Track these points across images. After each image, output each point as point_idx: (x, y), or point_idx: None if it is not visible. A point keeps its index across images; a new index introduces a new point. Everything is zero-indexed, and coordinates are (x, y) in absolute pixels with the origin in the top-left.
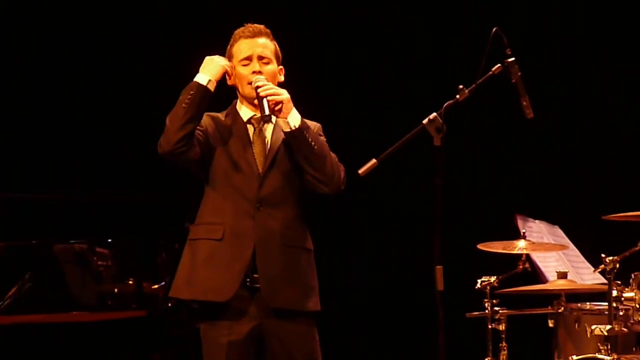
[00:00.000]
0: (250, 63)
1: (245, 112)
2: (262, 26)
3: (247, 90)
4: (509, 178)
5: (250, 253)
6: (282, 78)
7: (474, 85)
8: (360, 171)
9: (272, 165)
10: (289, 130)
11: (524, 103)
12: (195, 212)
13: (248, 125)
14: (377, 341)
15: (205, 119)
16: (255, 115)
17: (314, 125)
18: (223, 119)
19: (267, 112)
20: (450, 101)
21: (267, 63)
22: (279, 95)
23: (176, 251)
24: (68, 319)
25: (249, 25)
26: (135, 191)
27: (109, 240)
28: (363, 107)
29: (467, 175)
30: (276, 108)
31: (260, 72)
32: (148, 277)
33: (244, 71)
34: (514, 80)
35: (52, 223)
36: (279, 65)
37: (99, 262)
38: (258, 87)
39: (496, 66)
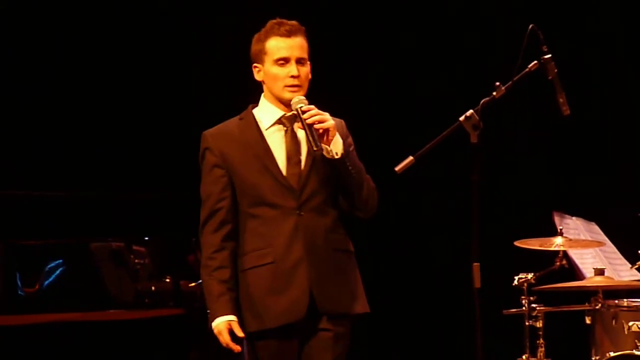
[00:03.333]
0: (287, 64)
1: (273, 111)
2: (296, 23)
3: (279, 90)
4: (546, 175)
5: (305, 264)
6: (310, 76)
7: (510, 82)
8: (397, 168)
9: (310, 170)
10: (330, 158)
11: (561, 100)
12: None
13: (277, 126)
14: (415, 338)
15: (217, 144)
16: (285, 114)
17: (338, 123)
18: (236, 129)
19: (316, 142)
20: (487, 98)
21: (303, 64)
22: (324, 121)
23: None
24: (105, 317)
25: (283, 21)
26: (172, 189)
27: (146, 238)
28: (400, 104)
29: (504, 172)
30: (322, 134)
31: (298, 76)
32: (185, 275)
33: (278, 72)
34: (550, 77)
35: (89, 221)
36: (308, 62)
37: (136, 260)
38: (302, 111)
39: (533, 63)
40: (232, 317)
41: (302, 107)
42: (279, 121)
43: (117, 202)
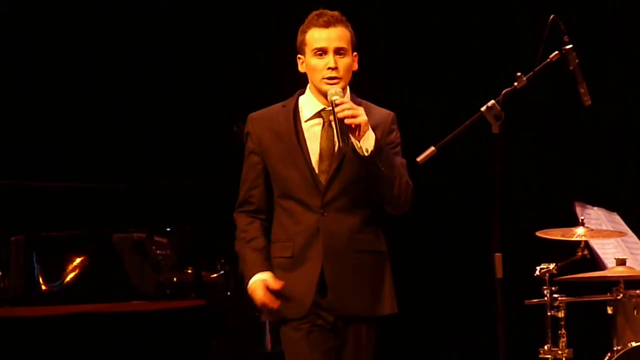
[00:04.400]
0: (325, 56)
1: (314, 103)
2: (337, 13)
3: (317, 82)
4: (567, 165)
5: (319, 265)
6: (355, 66)
7: (531, 73)
8: (418, 159)
9: (339, 169)
10: (360, 154)
11: (582, 90)
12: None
13: (316, 119)
14: (438, 328)
15: (256, 130)
16: (325, 108)
17: (384, 116)
18: (277, 116)
19: (344, 138)
20: (509, 89)
21: (343, 55)
22: (357, 117)
23: (234, 240)
24: (127, 308)
25: (324, 11)
26: (194, 180)
27: (168, 229)
28: (422, 94)
29: (525, 162)
30: (353, 129)
31: (335, 68)
32: (207, 266)
33: (317, 63)
34: (571, 68)
35: (111, 212)
36: (354, 52)
37: (158, 251)
38: (335, 104)
39: (554, 53)
40: (266, 274)
41: (336, 99)
42: (319, 114)
43: (139, 193)
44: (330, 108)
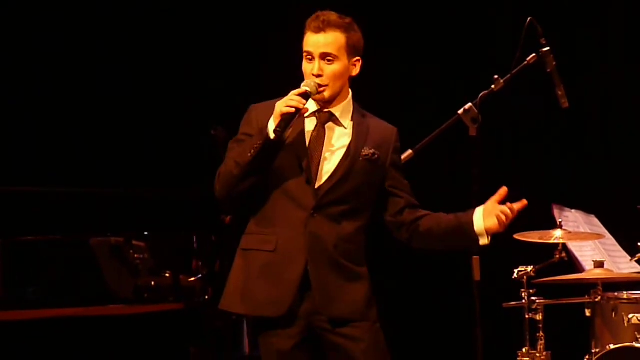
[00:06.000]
0: (313, 61)
1: (310, 102)
2: (334, 16)
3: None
4: (545, 168)
5: (303, 264)
6: (355, 72)
7: (509, 75)
8: None
9: (342, 177)
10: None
11: (560, 93)
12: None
13: (313, 118)
14: (415, 331)
15: (259, 118)
16: (319, 109)
17: (390, 133)
18: None
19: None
20: (486, 91)
21: (331, 62)
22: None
23: (212, 244)
24: (105, 312)
25: (320, 14)
26: (171, 185)
27: (146, 233)
28: (399, 97)
29: (503, 165)
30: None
31: (319, 75)
32: (184, 270)
33: (306, 67)
34: (549, 70)
35: (89, 217)
36: (354, 57)
37: (136, 255)
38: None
39: (531, 56)
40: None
41: (306, 89)
42: (314, 114)
43: (118, 197)
44: (325, 112)
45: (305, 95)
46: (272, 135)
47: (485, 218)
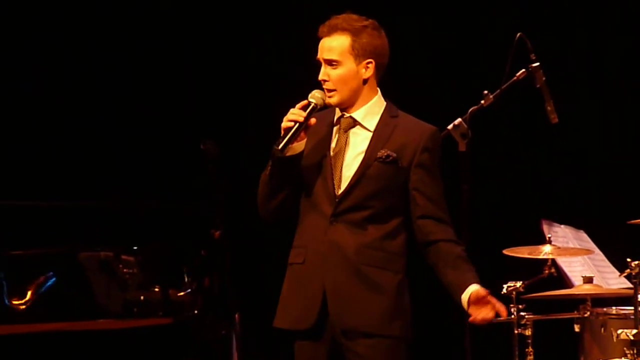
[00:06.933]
0: (321, 66)
1: (334, 109)
2: (340, 20)
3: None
4: (534, 183)
5: (322, 274)
6: (367, 74)
7: (498, 91)
8: None
9: (358, 182)
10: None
11: (549, 108)
12: (220, 220)
13: (335, 127)
14: None
15: (311, 128)
16: (342, 115)
17: (422, 133)
18: (325, 114)
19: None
20: (475, 107)
21: (335, 66)
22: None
23: (202, 258)
24: (94, 326)
25: (333, 18)
26: (161, 199)
27: (135, 247)
28: None
29: (493, 180)
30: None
31: (326, 81)
32: (174, 284)
33: (319, 73)
34: (538, 86)
35: (78, 231)
36: (364, 59)
37: (125, 270)
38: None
39: (521, 71)
40: None
41: (312, 101)
42: (338, 121)
43: (106, 211)
44: (346, 117)
45: (309, 107)
46: (277, 152)
47: (471, 302)
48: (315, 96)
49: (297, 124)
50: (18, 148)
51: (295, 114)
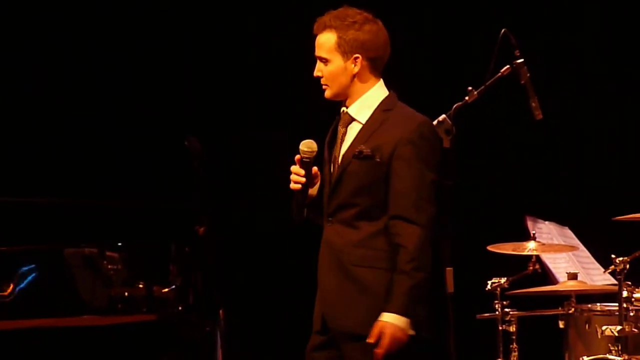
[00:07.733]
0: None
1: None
2: (328, 17)
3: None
4: (519, 179)
5: (320, 275)
6: (356, 69)
7: (483, 87)
8: None
9: (339, 180)
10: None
11: (533, 104)
12: (204, 216)
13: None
14: None
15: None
16: (343, 110)
17: (406, 128)
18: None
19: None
20: (460, 103)
21: (325, 63)
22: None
23: (186, 255)
24: (78, 322)
25: (323, 16)
26: (146, 195)
27: (120, 244)
28: None
29: (477, 176)
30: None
31: (320, 77)
32: (158, 281)
33: None
34: (522, 82)
35: (62, 227)
36: (350, 56)
37: (109, 266)
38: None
39: (505, 67)
40: None
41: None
42: (340, 117)
43: (91, 208)
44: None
45: (305, 163)
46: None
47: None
48: (304, 151)
49: (302, 185)
50: (1, 145)
51: (296, 177)
